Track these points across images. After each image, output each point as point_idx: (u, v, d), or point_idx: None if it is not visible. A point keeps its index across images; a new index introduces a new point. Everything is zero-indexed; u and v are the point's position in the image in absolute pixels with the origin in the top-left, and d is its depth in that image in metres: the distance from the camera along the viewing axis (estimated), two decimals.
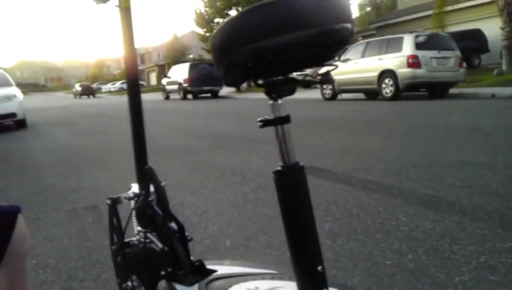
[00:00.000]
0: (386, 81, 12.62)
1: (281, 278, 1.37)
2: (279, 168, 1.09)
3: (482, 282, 1.94)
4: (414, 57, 12.04)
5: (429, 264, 2.13)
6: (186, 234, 1.50)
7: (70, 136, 8.75)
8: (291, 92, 1.05)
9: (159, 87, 31.30)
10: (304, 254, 1.10)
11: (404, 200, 2.98)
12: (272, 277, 1.39)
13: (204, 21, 31.33)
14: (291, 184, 1.08)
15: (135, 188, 1.55)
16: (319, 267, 1.11)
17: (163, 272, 1.46)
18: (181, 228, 1.47)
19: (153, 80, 63.23)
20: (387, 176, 3.65)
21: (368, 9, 53.99)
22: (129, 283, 1.60)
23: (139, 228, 1.60)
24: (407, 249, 2.29)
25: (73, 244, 2.66)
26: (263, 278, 1.39)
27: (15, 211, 1.16)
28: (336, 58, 2.01)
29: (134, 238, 1.62)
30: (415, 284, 1.97)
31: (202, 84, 22.37)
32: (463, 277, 1.99)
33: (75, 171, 4.87)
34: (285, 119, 1.07)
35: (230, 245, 2.53)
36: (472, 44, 19.33)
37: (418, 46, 12.14)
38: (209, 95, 23.76)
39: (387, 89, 12.64)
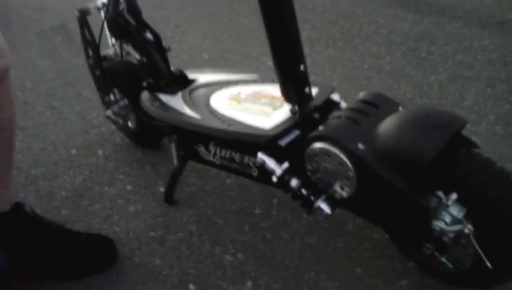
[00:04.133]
0: None
1: (263, 82, 1.37)
2: None
3: (457, 79, 1.99)
4: None
5: (406, 65, 2.16)
6: (163, 43, 1.45)
7: None
8: None
9: None
10: (287, 53, 1.08)
11: (383, 3, 2.90)
12: (254, 82, 1.39)
13: None
14: None
15: None
16: (302, 67, 1.11)
17: (144, 83, 1.44)
18: (157, 37, 1.42)
19: None
20: None
21: None
22: (111, 96, 1.60)
23: (114, 40, 1.54)
24: (385, 52, 2.30)
25: (47, 64, 2.59)
26: (245, 84, 1.39)
27: None
28: None
29: (110, 51, 1.57)
30: (392, 85, 2.02)
31: None
32: (439, 76, 2.04)
33: None
34: None
35: (208, 58, 2.50)
36: None
37: None
38: None
39: None
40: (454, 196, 0.96)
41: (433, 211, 0.97)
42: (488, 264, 0.96)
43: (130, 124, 1.74)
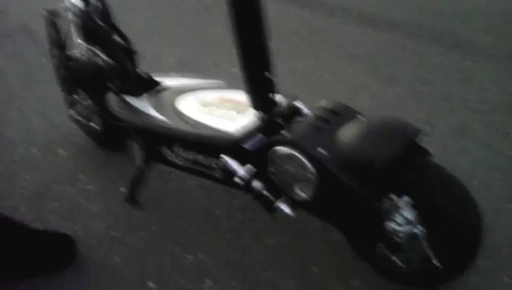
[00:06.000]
0: None
1: (229, 88, 1.41)
2: None
3: (415, 92, 2.10)
4: None
5: (367, 80, 2.25)
6: (131, 46, 1.47)
7: None
8: None
9: None
10: (253, 58, 1.12)
11: (345, 21, 3.00)
12: (219, 87, 1.43)
13: None
14: None
15: None
16: (268, 73, 1.15)
17: (110, 85, 1.46)
18: (126, 40, 1.43)
19: None
20: None
21: None
22: (75, 96, 1.60)
23: (80, 41, 1.54)
24: (347, 66, 2.38)
25: (9, 64, 2.55)
26: (212, 89, 1.43)
27: None
28: None
29: (76, 51, 1.57)
30: (353, 96, 2.10)
31: None
32: (397, 88, 2.14)
33: None
34: None
35: (173, 63, 2.52)
36: None
37: None
38: None
39: None
40: (406, 198, 1.02)
41: (386, 212, 1.04)
42: (438, 264, 1.03)
43: (93, 124, 1.74)
